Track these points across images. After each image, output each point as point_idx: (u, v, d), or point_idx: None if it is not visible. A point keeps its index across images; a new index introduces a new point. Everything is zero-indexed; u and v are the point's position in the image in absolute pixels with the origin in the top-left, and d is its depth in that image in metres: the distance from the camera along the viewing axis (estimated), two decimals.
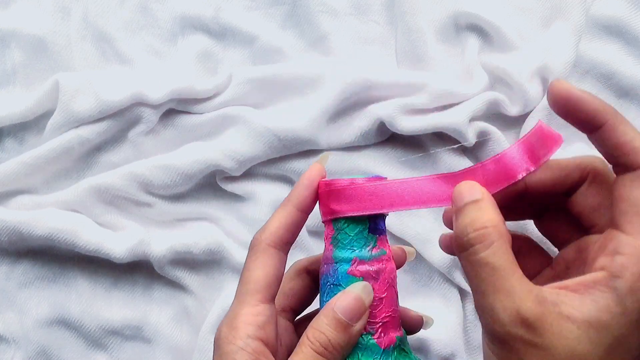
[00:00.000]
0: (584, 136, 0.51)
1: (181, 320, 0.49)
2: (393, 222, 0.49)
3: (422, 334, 0.47)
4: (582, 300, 0.24)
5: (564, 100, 0.28)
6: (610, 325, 0.24)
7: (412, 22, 0.50)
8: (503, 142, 0.48)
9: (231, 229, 0.49)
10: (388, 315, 0.31)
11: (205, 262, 0.49)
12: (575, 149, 0.51)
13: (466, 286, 0.48)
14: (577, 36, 0.49)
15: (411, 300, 0.49)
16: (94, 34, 0.51)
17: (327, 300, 0.31)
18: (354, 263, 0.31)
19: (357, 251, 0.31)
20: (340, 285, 0.30)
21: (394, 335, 0.31)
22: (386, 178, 0.32)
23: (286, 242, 0.32)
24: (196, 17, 0.51)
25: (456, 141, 0.49)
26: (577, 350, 0.23)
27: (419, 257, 0.49)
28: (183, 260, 0.49)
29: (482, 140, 0.49)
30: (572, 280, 0.25)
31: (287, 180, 0.50)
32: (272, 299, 0.31)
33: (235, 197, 0.50)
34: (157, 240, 0.48)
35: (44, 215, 0.47)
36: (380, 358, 0.30)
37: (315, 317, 0.30)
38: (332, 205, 0.31)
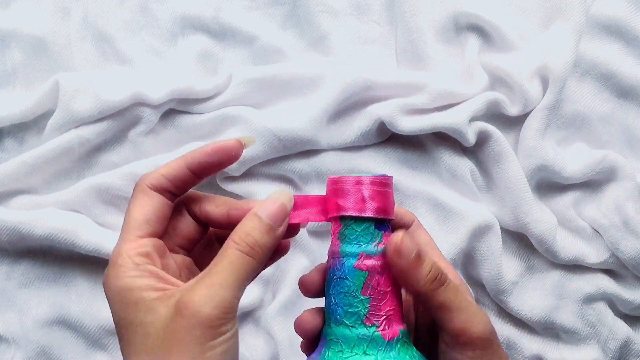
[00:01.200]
0: (583, 136, 0.51)
1: None
2: None
3: None
4: None
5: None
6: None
7: (412, 22, 0.50)
8: (503, 142, 0.48)
9: None
10: (392, 309, 0.32)
11: None
12: (575, 148, 0.51)
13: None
14: (577, 36, 0.49)
15: None
16: (94, 34, 0.51)
17: (333, 294, 0.32)
18: (361, 257, 0.32)
19: (363, 246, 0.32)
20: (347, 279, 0.31)
21: (398, 328, 0.32)
22: (391, 177, 0.33)
23: (166, 190, 0.33)
24: (196, 17, 0.51)
25: (456, 141, 0.49)
26: None
27: None
28: None
29: (482, 140, 0.49)
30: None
31: (287, 180, 0.50)
32: (153, 235, 0.32)
33: (235, 197, 0.50)
34: None
35: (44, 215, 0.47)
36: (384, 349, 0.31)
37: (239, 224, 0.31)
38: (340, 202, 0.32)
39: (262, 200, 0.32)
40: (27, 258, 0.49)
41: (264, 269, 0.33)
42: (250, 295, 0.48)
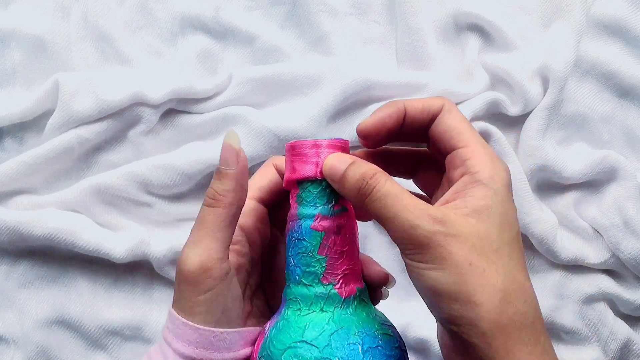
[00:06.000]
0: (584, 136, 0.51)
1: None
2: None
3: (422, 334, 0.47)
4: (464, 201, 0.30)
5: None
6: (491, 205, 0.30)
7: (413, 22, 0.50)
8: (503, 142, 0.48)
9: None
10: (349, 268, 0.33)
11: None
12: (575, 148, 0.51)
13: None
14: (577, 36, 0.49)
15: (411, 301, 0.49)
16: (94, 34, 0.51)
17: (292, 255, 0.33)
18: (317, 219, 0.32)
19: (320, 207, 0.33)
20: (304, 239, 0.32)
21: (355, 286, 0.33)
22: (348, 141, 0.34)
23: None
24: (196, 17, 0.51)
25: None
26: (480, 230, 0.29)
27: None
28: None
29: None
30: (448, 193, 0.32)
31: None
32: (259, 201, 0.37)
33: None
34: (157, 240, 0.48)
35: (44, 215, 0.47)
36: (341, 306, 0.32)
37: None
38: (296, 165, 0.33)
39: None
40: (27, 258, 0.49)
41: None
42: None
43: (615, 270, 0.50)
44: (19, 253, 0.49)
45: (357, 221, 0.35)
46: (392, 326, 0.34)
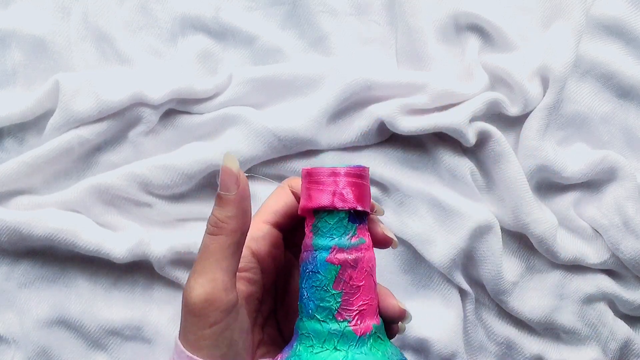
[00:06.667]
0: (584, 136, 0.51)
1: None
2: (393, 221, 0.49)
3: (422, 334, 0.47)
4: None
5: None
6: None
7: (413, 22, 0.50)
8: (503, 142, 0.48)
9: None
10: (365, 304, 0.31)
11: None
12: (575, 148, 0.51)
13: (466, 286, 0.48)
14: (577, 36, 0.49)
15: (411, 301, 0.49)
16: (94, 34, 0.51)
17: (306, 288, 0.31)
18: (333, 251, 0.31)
19: (336, 239, 0.31)
20: (318, 272, 0.31)
21: (371, 323, 0.31)
22: (367, 169, 0.32)
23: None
24: (196, 17, 0.51)
25: (456, 141, 0.49)
26: None
27: (418, 257, 0.49)
28: (183, 260, 0.49)
29: (482, 140, 0.49)
30: None
31: None
32: (274, 225, 0.36)
33: None
34: (157, 240, 0.48)
35: (44, 216, 0.47)
36: (355, 345, 0.30)
37: None
38: (312, 193, 0.31)
39: None
40: (27, 258, 0.49)
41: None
42: None
43: (615, 270, 0.50)
44: (19, 253, 0.49)
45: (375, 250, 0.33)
46: None
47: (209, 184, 0.50)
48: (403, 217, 0.49)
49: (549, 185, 0.50)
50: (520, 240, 0.50)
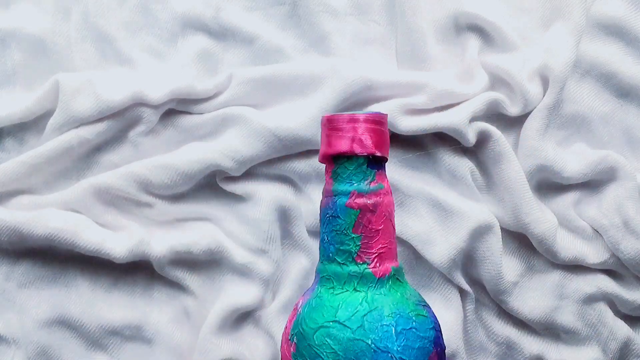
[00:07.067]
0: (584, 136, 0.51)
1: (181, 321, 0.49)
2: None
3: None
4: None
5: None
6: None
7: (413, 22, 0.50)
8: (503, 142, 0.48)
9: (231, 229, 0.49)
10: (384, 247, 0.32)
11: (205, 262, 0.49)
12: (575, 149, 0.51)
13: (466, 286, 0.48)
14: (577, 36, 0.49)
15: None
16: (94, 34, 0.51)
17: (326, 232, 0.32)
18: (352, 196, 0.32)
19: (355, 184, 0.32)
20: (338, 217, 0.32)
21: (390, 265, 0.32)
22: (386, 115, 0.33)
23: None
24: (196, 17, 0.51)
25: (456, 141, 0.49)
26: None
27: (419, 257, 0.49)
28: (183, 260, 0.49)
29: (482, 140, 0.49)
30: None
31: (287, 180, 0.50)
32: None
33: (235, 197, 0.50)
34: (157, 240, 0.48)
35: (44, 216, 0.47)
36: (375, 286, 0.31)
37: None
38: (332, 140, 0.32)
39: None
40: (27, 258, 0.49)
41: None
42: (250, 295, 0.48)
43: (615, 270, 0.50)
44: (19, 253, 0.49)
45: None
46: (427, 306, 0.33)
47: (209, 184, 0.50)
48: (403, 217, 0.49)
49: (549, 185, 0.50)
50: (520, 240, 0.50)
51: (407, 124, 0.48)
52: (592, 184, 0.50)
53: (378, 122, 0.32)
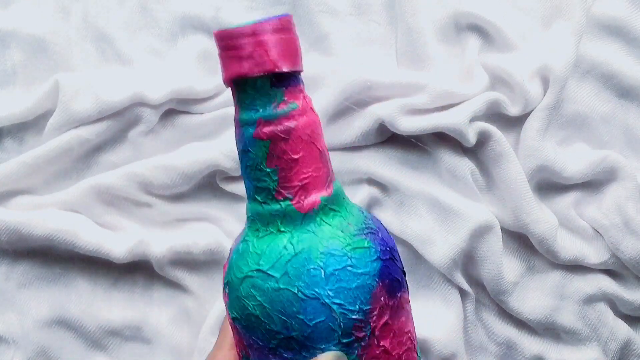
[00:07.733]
0: (584, 136, 0.51)
1: (181, 321, 0.49)
2: (393, 221, 0.49)
3: (422, 334, 0.47)
4: None
5: None
6: None
7: (413, 22, 0.50)
8: (503, 142, 0.48)
9: (231, 229, 0.49)
10: (307, 176, 0.27)
11: (205, 262, 0.49)
12: (575, 149, 0.51)
13: (466, 286, 0.48)
14: (577, 36, 0.49)
15: (411, 301, 0.49)
16: (94, 34, 0.51)
17: (243, 169, 0.28)
18: (259, 125, 0.27)
19: (260, 111, 0.27)
20: (249, 151, 0.27)
21: (318, 196, 0.28)
22: (290, 16, 0.27)
23: None
24: (196, 17, 0.51)
25: (457, 141, 0.49)
26: None
27: (419, 257, 0.49)
28: (183, 260, 0.49)
29: (483, 140, 0.49)
30: None
31: None
32: None
33: (235, 197, 0.50)
34: (157, 240, 0.48)
35: (44, 216, 0.47)
36: (301, 223, 0.27)
37: None
38: (226, 61, 0.26)
39: None
40: (26, 258, 0.49)
41: None
42: None
43: (615, 270, 0.50)
44: (19, 253, 0.49)
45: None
46: (372, 232, 0.29)
47: (209, 184, 0.50)
48: (403, 217, 0.49)
49: (549, 185, 0.50)
50: (520, 240, 0.50)
51: (407, 124, 0.48)
52: (592, 184, 0.50)
53: (278, 29, 0.26)
